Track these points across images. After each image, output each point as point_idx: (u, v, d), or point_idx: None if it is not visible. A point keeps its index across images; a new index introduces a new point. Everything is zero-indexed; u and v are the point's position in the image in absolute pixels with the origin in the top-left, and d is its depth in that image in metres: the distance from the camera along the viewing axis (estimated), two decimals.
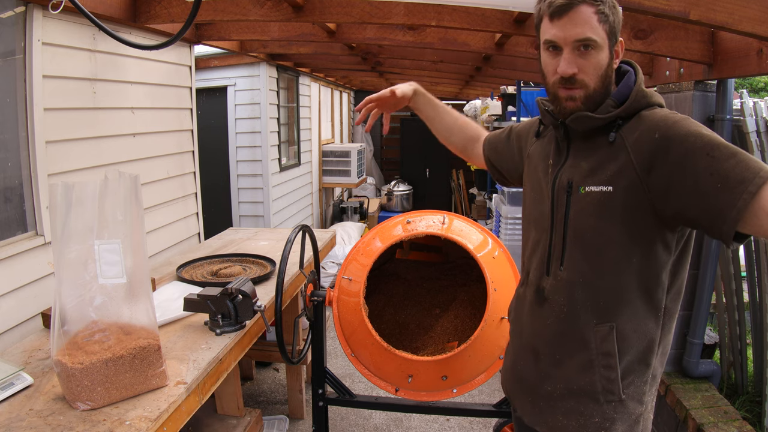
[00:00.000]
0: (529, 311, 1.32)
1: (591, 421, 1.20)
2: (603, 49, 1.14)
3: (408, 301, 2.39)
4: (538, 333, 1.28)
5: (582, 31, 1.11)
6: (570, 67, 1.14)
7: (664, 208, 1.09)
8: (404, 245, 2.62)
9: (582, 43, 1.12)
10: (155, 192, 2.88)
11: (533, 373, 1.29)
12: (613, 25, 1.14)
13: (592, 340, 1.19)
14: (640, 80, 1.19)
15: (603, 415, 1.20)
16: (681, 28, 2.24)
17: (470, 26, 2.48)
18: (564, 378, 1.23)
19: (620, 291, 1.17)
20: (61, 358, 1.33)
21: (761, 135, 2.29)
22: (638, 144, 1.13)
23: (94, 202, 1.34)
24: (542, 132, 1.38)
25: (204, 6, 2.50)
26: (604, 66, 1.15)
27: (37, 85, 2.00)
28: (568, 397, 1.23)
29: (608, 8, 1.12)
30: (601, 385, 1.19)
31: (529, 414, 1.31)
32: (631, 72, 1.21)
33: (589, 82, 1.15)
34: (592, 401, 1.20)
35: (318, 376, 2.13)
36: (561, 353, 1.23)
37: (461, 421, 2.96)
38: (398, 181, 8.36)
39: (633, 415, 1.21)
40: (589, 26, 1.11)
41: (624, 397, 1.19)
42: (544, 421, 1.27)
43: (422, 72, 5.49)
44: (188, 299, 1.89)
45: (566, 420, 1.23)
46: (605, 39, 1.13)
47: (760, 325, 2.42)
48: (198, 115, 3.42)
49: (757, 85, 15.01)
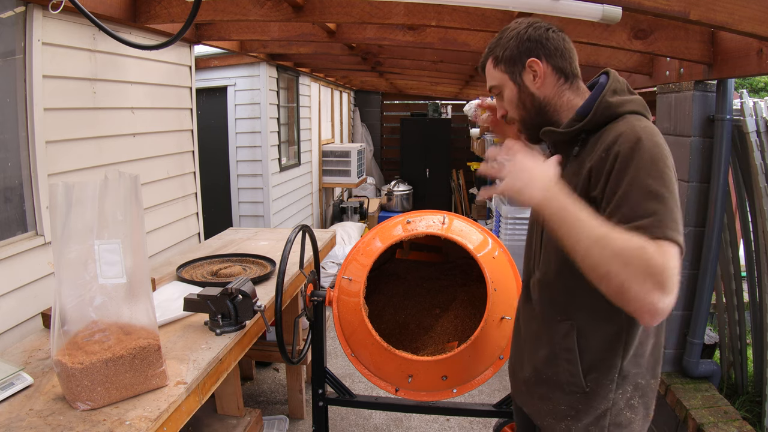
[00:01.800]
0: (523, 308, 1.45)
1: (558, 408, 1.29)
2: (506, 86, 1.29)
3: (408, 301, 2.39)
4: (526, 327, 1.41)
5: (488, 81, 1.33)
6: (499, 111, 1.36)
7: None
8: (404, 245, 2.62)
9: (492, 92, 1.34)
10: (155, 192, 2.88)
11: (519, 360, 1.43)
12: (510, 58, 1.26)
13: (555, 336, 1.28)
14: (606, 91, 1.18)
15: (569, 403, 1.27)
16: (681, 28, 2.24)
17: (470, 26, 2.48)
18: (537, 367, 1.33)
19: (577, 292, 1.21)
20: (61, 358, 1.33)
21: (761, 135, 2.29)
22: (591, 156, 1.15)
23: (94, 202, 1.34)
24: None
25: (204, 6, 2.50)
26: (515, 98, 1.29)
27: (37, 85, 2.00)
28: (540, 384, 1.33)
29: (500, 49, 1.28)
30: (564, 377, 1.27)
31: (518, 397, 1.46)
32: (600, 84, 1.23)
33: (512, 115, 1.32)
34: (558, 390, 1.29)
35: (318, 376, 2.13)
36: (536, 344, 1.34)
37: (461, 421, 2.96)
38: (398, 181, 8.36)
39: (598, 410, 1.24)
40: (490, 76, 1.32)
41: (588, 391, 1.24)
42: (526, 404, 1.41)
43: (422, 72, 5.49)
44: (188, 299, 1.89)
45: (541, 404, 1.34)
46: (504, 77, 1.28)
47: (760, 325, 2.42)
48: (198, 115, 3.42)
49: (757, 85, 15.01)
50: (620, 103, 1.17)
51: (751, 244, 2.47)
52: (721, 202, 2.36)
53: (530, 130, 1.31)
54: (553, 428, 1.30)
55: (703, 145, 2.40)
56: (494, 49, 1.29)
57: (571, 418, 1.26)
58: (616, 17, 1.86)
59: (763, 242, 2.32)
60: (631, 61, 2.81)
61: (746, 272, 2.54)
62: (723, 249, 2.53)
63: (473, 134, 7.05)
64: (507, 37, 1.27)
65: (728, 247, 2.56)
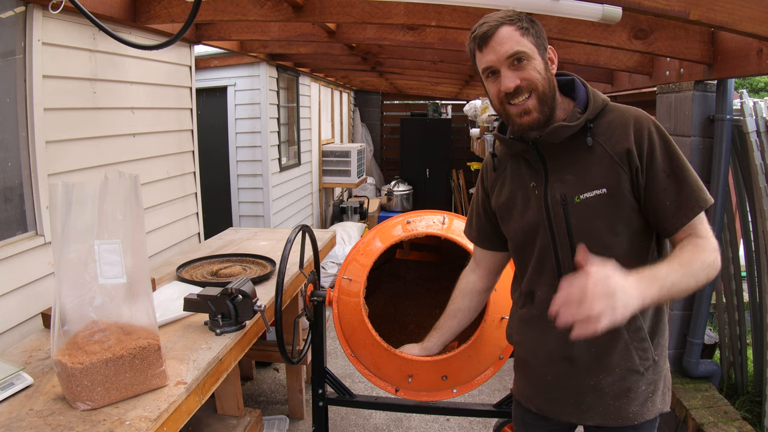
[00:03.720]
0: (548, 326, 1.27)
1: (639, 392, 1.31)
2: (534, 57, 1.22)
3: (408, 301, 2.39)
4: (568, 343, 1.25)
5: (510, 46, 1.20)
6: (511, 81, 1.21)
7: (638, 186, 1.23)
8: (404, 245, 2.62)
9: (514, 57, 1.20)
10: (155, 192, 2.88)
11: (571, 377, 1.34)
12: (537, 36, 1.23)
13: (622, 327, 1.26)
14: (586, 83, 1.30)
15: (647, 381, 1.31)
16: (681, 28, 2.24)
17: (470, 26, 2.44)
18: (607, 368, 1.30)
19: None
20: (61, 358, 1.33)
21: (761, 135, 2.29)
22: (612, 139, 1.24)
23: (94, 202, 1.34)
24: (498, 164, 1.43)
25: (204, 6, 2.50)
26: (543, 70, 1.23)
27: (37, 85, 2.00)
28: (615, 382, 1.31)
29: (526, 22, 1.22)
30: (638, 357, 1.29)
31: (576, 414, 1.37)
32: (575, 79, 1.32)
33: (536, 84, 1.22)
34: (635, 374, 1.30)
35: (318, 376, 2.13)
36: (597, 348, 1.30)
37: (461, 421, 2.96)
38: (398, 181, 8.35)
39: (664, 370, 1.36)
40: (514, 41, 1.20)
41: (657, 358, 1.32)
42: (596, 413, 1.34)
43: (422, 72, 5.49)
44: (188, 299, 1.89)
45: (617, 402, 1.32)
46: (533, 48, 1.21)
47: (760, 325, 2.42)
48: (198, 115, 3.42)
49: (757, 85, 15.01)
50: (600, 94, 1.30)
51: (751, 244, 2.47)
52: (721, 202, 2.36)
53: (543, 111, 1.24)
54: (641, 415, 1.32)
55: (703, 145, 2.40)
56: (515, 20, 1.21)
57: (651, 392, 1.33)
58: (616, 17, 1.86)
59: (763, 242, 2.32)
60: (631, 61, 2.81)
61: (746, 272, 2.54)
62: (723, 249, 2.53)
63: (473, 134, 7.05)
64: (519, 16, 1.22)
65: (728, 247, 2.56)
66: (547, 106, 1.24)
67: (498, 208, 1.42)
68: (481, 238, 1.54)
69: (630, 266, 1.19)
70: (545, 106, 1.24)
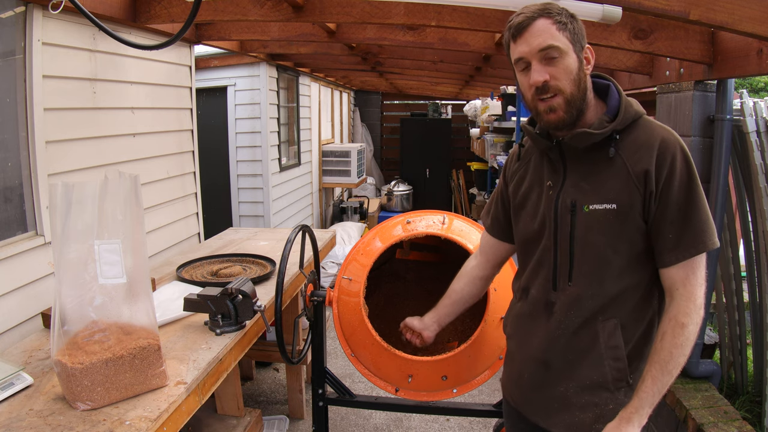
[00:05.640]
0: (534, 324, 1.36)
1: (606, 410, 1.28)
2: (568, 54, 1.18)
3: (408, 301, 2.39)
4: (548, 344, 1.33)
5: (543, 40, 1.17)
6: (540, 75, 1.18)
7: (649, 210, 1.21)
8: (404, 245, 2.62)
9: (546, 51, 1.17)
10: (155, 192, 2.88)
11: (544, 380, 1.35)
12: (574, 32, 1.20)
13: (600, 339, 1.27)
14: (621, 91, 1.26)
15: (616, 401, 1.28)
16: (681, 28, 2.24)
17: (470, 26, 2.48)
18: (577, 377, 1.30)
19: (624, 294, 1.26)
20: (61, 358, 1.33)
21: (761, 135, 2.29)
22: (634, 156, 1.21)
23: (94, 202, 1.34)
24: (524, 154, 1.42)
25: (204, 6, 2.50)
26: (575, 70, 1.19)
27: (37, 85, 2.00)
28: (582, 393, 1.29)
29: (565, 17, 1.19)
30: (611, 375, 1.27)
31: (543, 417, 1.36)
32: (611, 85, 1.27)
33: (563, 86, 1.19)
34: (605, 391, 1.28)
35: (318, 376, 2.13)
36: (573, 356, 1.30)
37: (461, 421, 2.96)
38: (398, 181, 8.35)
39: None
40: (549, 35, 1.17)
41: (631, 382, 1.28)
42: (561, 420, 1.33)
43: (422, 72, 5.49)
44: (188, 299, 1.89)
45: (582, 414, 1.30)
46: (568, 45, 1.18)
47: (760, 325, 2.42)
48: (198, 115, 3.42)
49: (757, 85, 15.01)
50: (636, 104, 1.25)
51: (751, 244, 2.47)
52: (721, 202, 2.36)
53: (570, 112, 1.21)
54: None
55: (703, 145, 2.40)
56: (552, 13, 1.18)
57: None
58: (616, 17, 1.86)
59: (763, 242, 2.32)
60: (631, 61, 2.81)
61: (746, 272, 2.54)
62: (723, 249, 2.53)
63: (473, 134, 7.06)
64: (559, 10, 1.19)
65: (728, 247, 2.56)
66: (574, 107, 1.21)
67: (513, 200, 1.43)
68: (493, 225, 1.56)
69: (624, 283, 1.24)
70: (572, 107, 1.21)
